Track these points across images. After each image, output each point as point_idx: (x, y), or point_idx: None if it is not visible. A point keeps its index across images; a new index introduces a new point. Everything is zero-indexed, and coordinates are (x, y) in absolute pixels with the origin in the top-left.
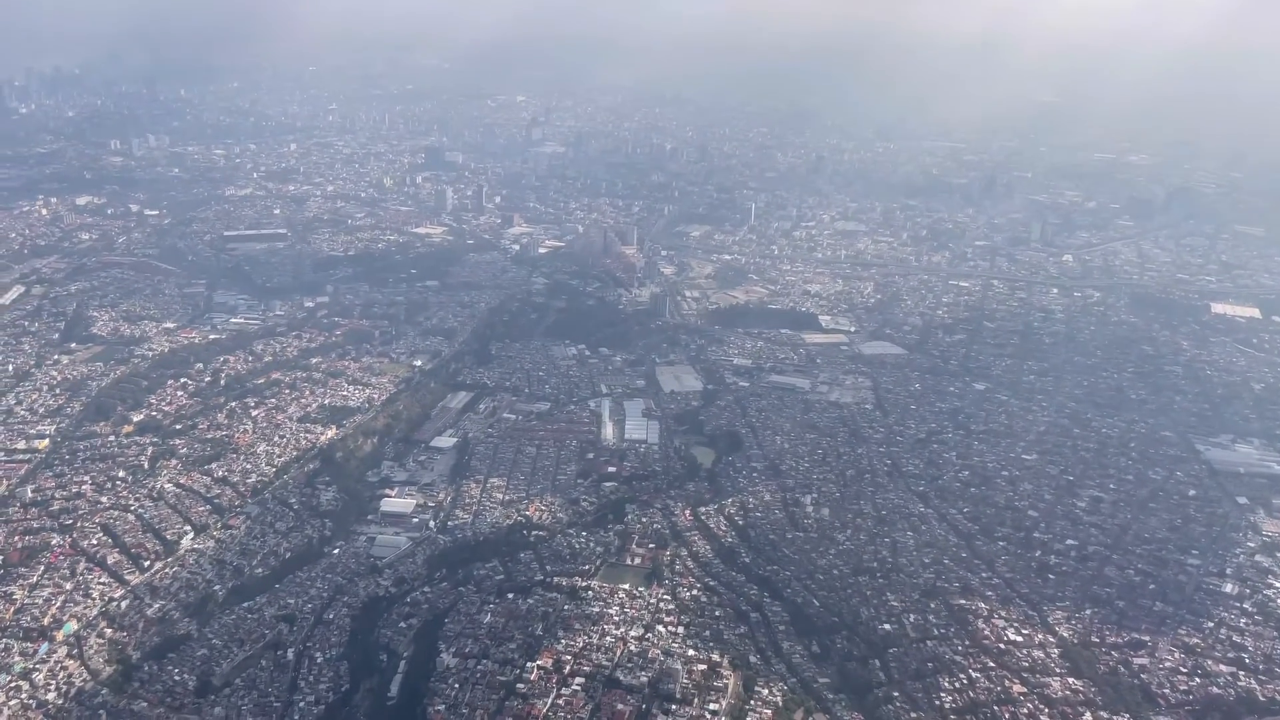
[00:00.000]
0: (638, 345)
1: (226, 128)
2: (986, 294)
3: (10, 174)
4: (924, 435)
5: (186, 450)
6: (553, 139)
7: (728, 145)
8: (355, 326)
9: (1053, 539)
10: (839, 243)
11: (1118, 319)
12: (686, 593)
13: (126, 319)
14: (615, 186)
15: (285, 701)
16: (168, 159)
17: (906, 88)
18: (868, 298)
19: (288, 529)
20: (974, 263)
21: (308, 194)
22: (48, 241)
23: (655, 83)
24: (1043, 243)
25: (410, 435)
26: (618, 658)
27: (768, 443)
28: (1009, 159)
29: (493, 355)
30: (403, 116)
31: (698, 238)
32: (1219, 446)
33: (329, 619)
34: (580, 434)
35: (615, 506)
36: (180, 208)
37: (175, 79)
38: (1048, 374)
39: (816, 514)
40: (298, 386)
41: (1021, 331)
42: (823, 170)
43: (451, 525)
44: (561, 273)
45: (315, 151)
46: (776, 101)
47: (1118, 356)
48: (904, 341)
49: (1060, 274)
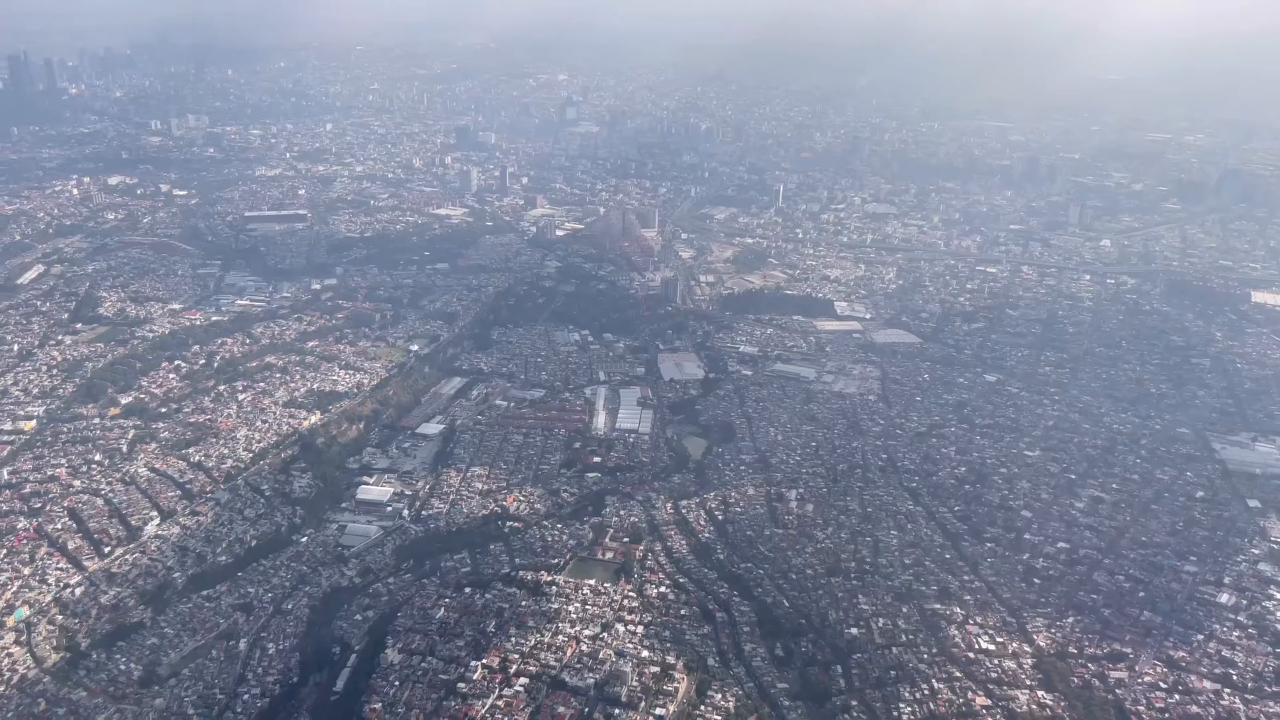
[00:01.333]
0: (644, 331)
1: (267, 107)
2: (1013, 280)
3: (52, 154)
4: (925, 429)
5: (168, 434)
6: (588, 118)
7: (766, 124)
8: (357, 310)
9: (1044, 541)
10: (866, 226)
11: (1150, 307)
12: (654, 590)
13: (134, 300)
14: (645, 167)
15: (230, 693)
16: (205, 139)
17: (963, 65)
18: (889, 283)
19: (257, 516)
20: (1005, 248)
21: (336, 174)
22: (74, 221)
23: (700, 60)
24: (1080, 227)
25: (397, 422)
26: (567, 658)
27: (761, 434)
28: (1058, 139)
29: (493, 340)
30: (442, 96)
31: (722, 220)
32: (1237, 445)
33: (288, 609)
34: (570, 422)
35: (596, 498)
36: (209, 188)
37: (223, 59)
38: (1065, 365)
39: (800, 510)
40: (289, 370)
41: (1044, 320)
42: (859, 151)
43: (426, 515)
44: (576, 256)
45: (350, 131)
46: (823, 80)
47: (1143, 347)
48: (920, 329)
49: (1095, 259)
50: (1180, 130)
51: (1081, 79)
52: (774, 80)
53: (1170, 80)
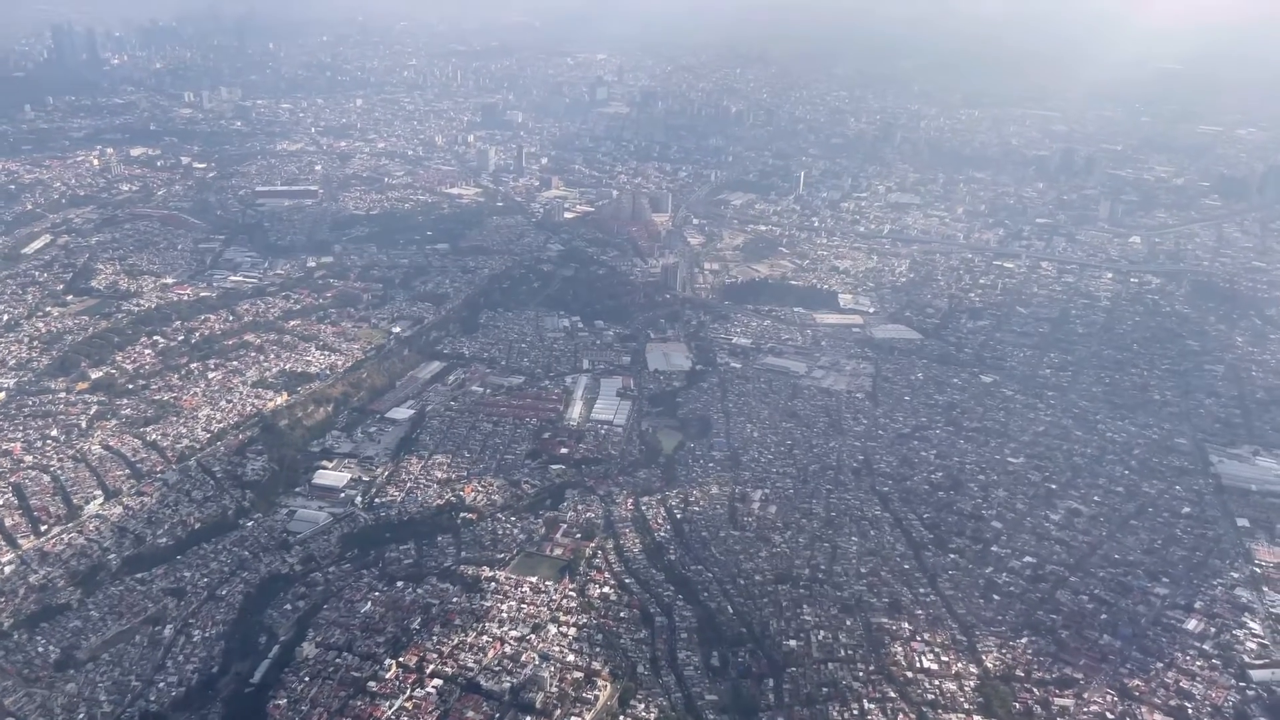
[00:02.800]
0: (637, 319)
1: (302, 82)
2: (1030, 276)
3: (82, 124)
4: (909, 430)
5: (130, 411)
6: (618, 99)
7: (800, 109)
8: (346, 289)
9: (1010, 554)
10: (886, 215)
11: (1170, 309)
12: (597, 590)
13: (129, 273)
14: (669, 150)
15: (147, 680)
16: (234, 112)
17: (1012, 50)
18: (899, 276)
19: (204, 498)
20: (1028, 241)
21: (356, 150)
22: (89, 192)
23: (741, 41)
24: (1111, 222)
25: (368, 405)
26: (487, 660)
27: (738, 430)
28: (1103, 130)
29: (480, 324)
30: (476, 74)
31: (738, 206)
32: (1236, 459)
33: (221, 595)
34: (544, 411)
35: (557, 491)
36: (229, 161)
37: (267, 33)
38: (1068, 368)
39: (762, 511)
40: (265, 349)
41: (1055, 319)
42: (891, 138)
43: (379, 503)
44: (581, 239)
45: (379, 107)
46: (866, 64)
47: (1155, 351)
48: (922, 325)
49: (1121, 257)
50: (1233, 123)
51: (1137, 67)
52: (816, 63)
53: (1230, 67)
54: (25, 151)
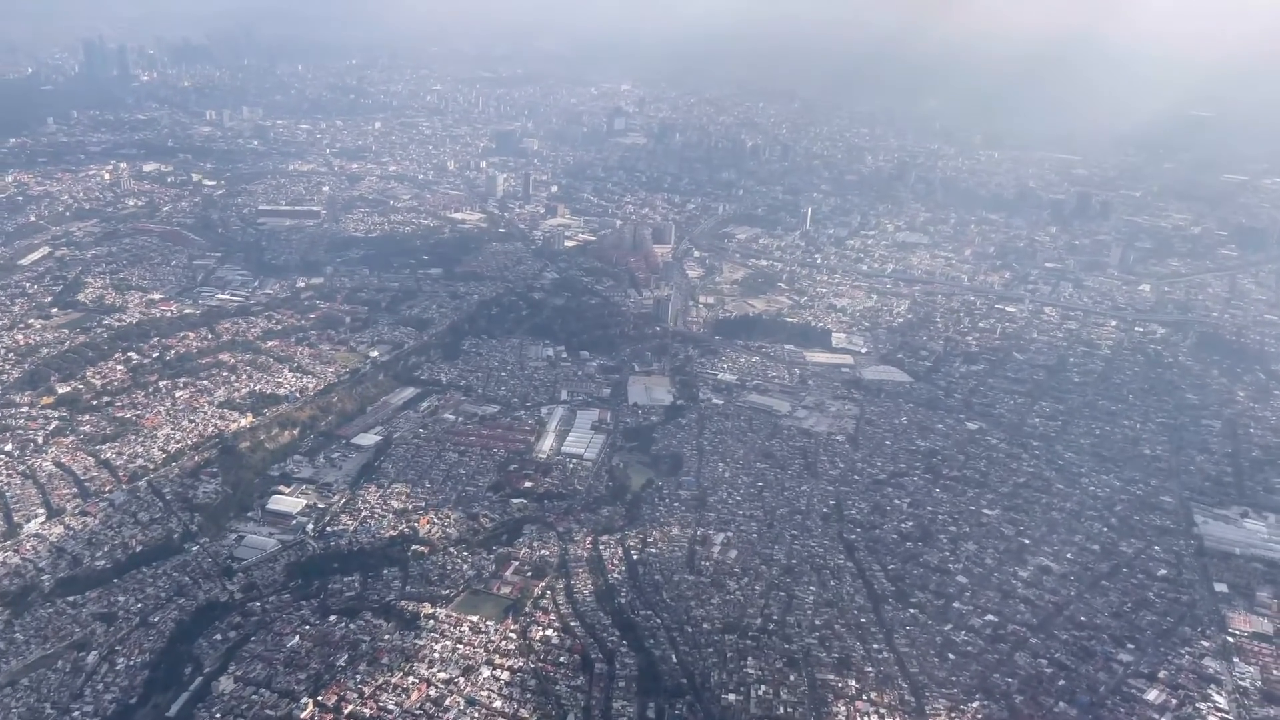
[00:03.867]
0: (623, 351)
1: (325, 103)
2: (1032, 321)
3: (102, 138)
4: (885, 476)
5: (89, 428)
6: (636, 130)
7: (818, 145)
8: (331, 311)
9: (972, 611)
10: (892, 255)
11: (1172, 360)
12: (539, 632)
13: (117, 288)
14: (680, 182)
15: (62, 709)
16: (253, 131)
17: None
18: (897, 316)
19: (150, 520)
20: (1034, 286)
21: (367, 173)
22: (94, 205)
23: (768, 76)
24: (1121, 269)
25: (335, 430)
26: (410, 703)
27: (710, 469)
28: (1123, 175)
29: (463, 351)
30: (499, 100)
31: (742, 240)
32: (1222, 520)
33: (153, 622)
34: (513, 443)
35: (515, 526)
36: (240, 179)
37: (299, 54)
38: (1057, 417)
39: (721, 556)
40: (239, 369)
41: (1051, 367)
42: (905, 176)
43: (331, 531)
44: (578, 268)
45: (397, 130)
46: (891, 102)
47: (1151, 403)
48: (914, 368)
49: (1128, 304)
50: (1260, 172)
51: (1166, 113)
52: (841, 99)
53: (1266, 113)
54: (40, 164)
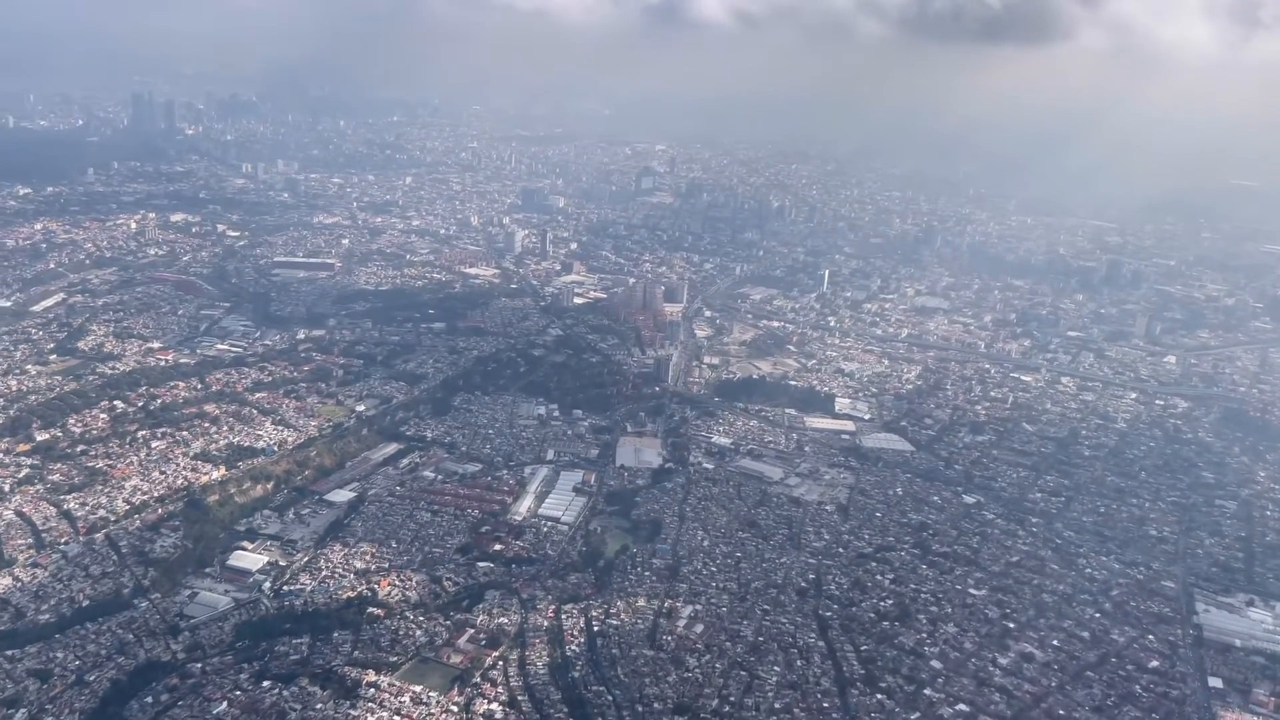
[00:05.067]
0: (618, 411)
1: (360, 158)
2: (1047, 391)
3: (137, 189)
4: (871, 550)
5: (59, 477)
6: (664, 189)
7: (846, 206)
8: (326, 363)
9: (943, 700)
10: (908, 319)
11: (1191, 435)
12: (483, 705)
13: (118, 336)
14: (701, 241)
15: None
16: (284, 184)
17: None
18: (906, 383)
19: (102, 574)
20: (1054, 355)
21: (390, 226)
22: (115, 254)
23: (805, 138)
24: (1147, 339)
25: (310, 485)
26: None
27: (689, 537)
28: (1159, 243)
29: (453, 406)
30: (532, 158)
31: (756, 301)
32: (1226, 608)
33: (89, 681)
34: (489, 503)
35: (478, 591)
36: (263, 231)
37: (343, 111)
38: (1061, 493)
39: (686, 630)
40: (221, 420)
41: (1061, 439)
42: (931, 240)
43: (287, 590)
44: (584, 325)
45: (427, 186)
46: (926, 165)
47: (1164, 481)
48: (917, 437)
49: (1151, 377)
50: None
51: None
52: (875, 162)
53: None
54: (72, 213)
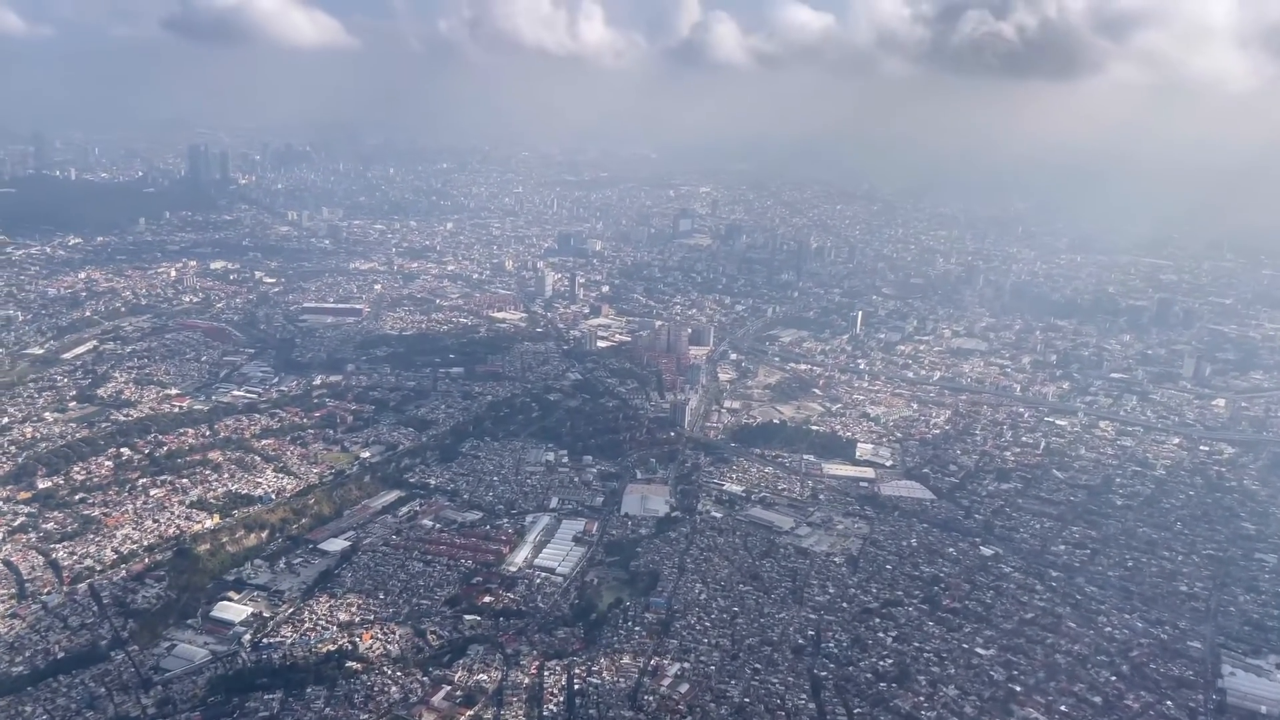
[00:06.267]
0: (630, 457)
1: (405, 204)
2: (1082, 437)
3: (184, 238)
4: (877, 604)
5: (53, 525)
6: (703, 231)
7: (889, 246)
8: (337, 409)
9: None
10: (942, 361)
11: (1234, 484)
12: None
13: (138, 382)
14: (735, 283)
15: None
16: (327, 231)
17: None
18: (933, 427)
19: (80, 625)
20: (1094, 398)
21: (424, 271)
22: (151, 302)
23: (853, 178)
24: (1196, 381)
25: (305, 534)
26: None
27: (686, 590)
28: (1216, 281)
29: (460, 453)
30: (576, 203)
31: (786, 343)
32: (1254, 671)
33: None
34: (484, 553)
35: (463, 645)
36: (299, 277)
37: (394, 159)
38: (1087, 545)
39: (671, 690)
40: (223, 468)
41: (1093, 487)
42: (973, 280)
43: (267, 643)
44: (604, 369)
45: (467, 231)
46: (977, 203)
47: (1200, 532)
48: (939, 484)
49: (1197, 421)
50: None
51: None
52: (923, 201)
53: None
54: (118, 261)
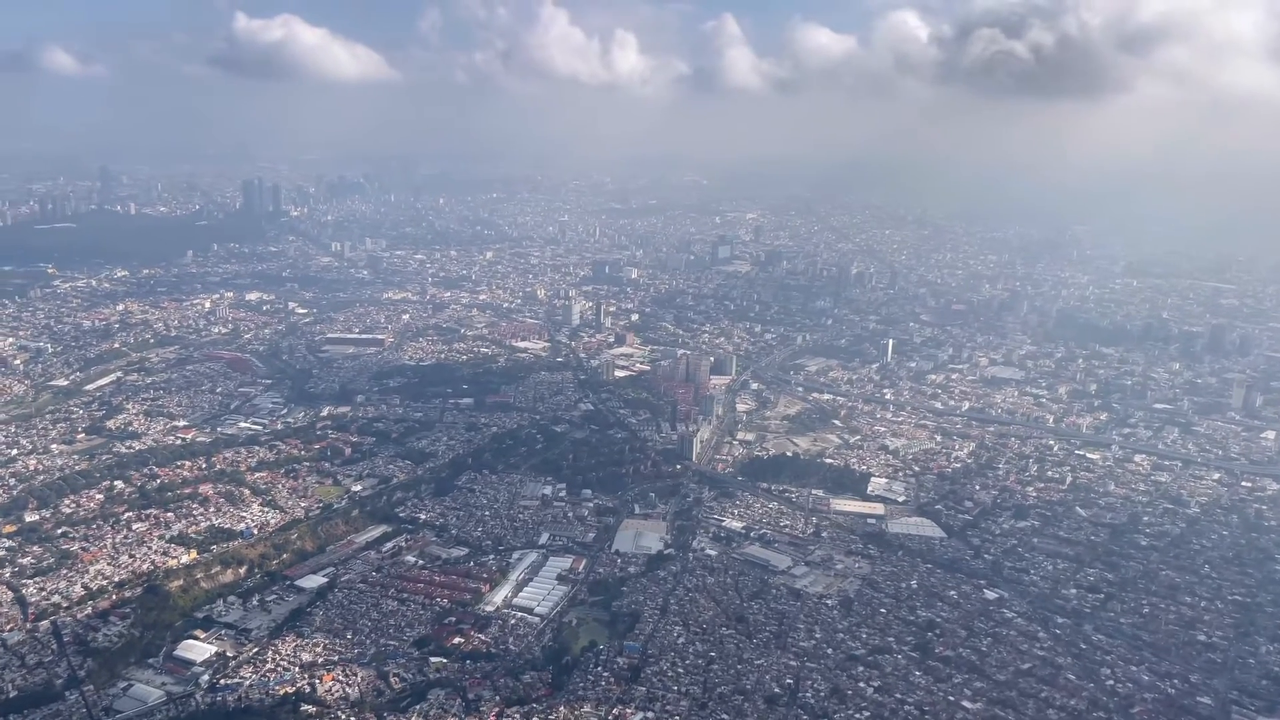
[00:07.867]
0: (630, 490)
1: (449, 234)
2: (1114, 471)
3: (228, 269)
4: (863, 651)
5: (29, 560)
6: (743, 258)
7: (935, 272)
8: (336, 441)
9: None
10: (974, 391)
11: (1274, 523)
12: None
13: (148, 414)
14: (768, 311)
15: None
16: (367, 261)
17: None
18: (954, 461)
19: (37, 664)
20: (1132, 430)
21: (455, 300)
22: (180, 333)
23: (905, 203)
24: (1245, 413)
25: (283, 570)
26: None
27: (664, 633)
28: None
29: (455, 486)
30: (617, 230)
31: (812, 372)
32: None
33: None
34: (461, 592)
35: (425, 689)
36: (331, 307)
37: (445, 189)
38: (1101, 589)
39: None
40: (210, 501)
41: (1117, 526)
42: (1016, 306)
43: (224, 684)
44: (619, 399)
45: (506, 260)
46: (1034, 227)
47: (1228, 576)
48: (951, 521)
49: (1243, 454)
50: None
51: None
52: (976, 226)
53: None
54: (159, 293)
